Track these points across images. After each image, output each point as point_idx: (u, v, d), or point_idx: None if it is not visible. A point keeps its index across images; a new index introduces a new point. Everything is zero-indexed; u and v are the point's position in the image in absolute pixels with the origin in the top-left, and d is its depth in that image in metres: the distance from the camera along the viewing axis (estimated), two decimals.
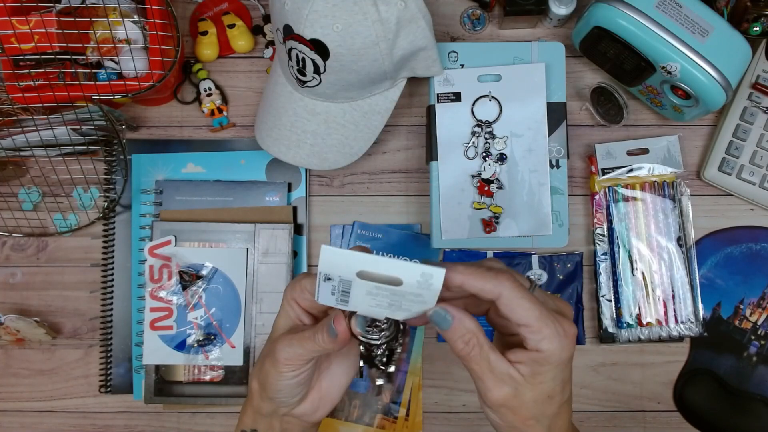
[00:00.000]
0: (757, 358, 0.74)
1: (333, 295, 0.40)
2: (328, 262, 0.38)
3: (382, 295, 0.39)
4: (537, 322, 0.39)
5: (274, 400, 0.47)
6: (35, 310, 0.77)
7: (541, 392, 0.41)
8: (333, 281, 0.39)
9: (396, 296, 0.39)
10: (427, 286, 0.38)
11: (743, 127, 0.73)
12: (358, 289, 0.39)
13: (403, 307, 0.40)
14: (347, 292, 0.40)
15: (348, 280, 0.39)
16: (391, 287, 0.38)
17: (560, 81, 0.73)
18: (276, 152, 0.69)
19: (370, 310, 0.41)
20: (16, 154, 0.73)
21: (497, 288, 0.39)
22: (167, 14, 0.70)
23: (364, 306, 0.41)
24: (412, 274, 0.37)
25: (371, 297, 0.40)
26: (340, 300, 0.41)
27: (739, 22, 0.68)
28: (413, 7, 0.62)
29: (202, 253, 0.74)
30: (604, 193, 0.75)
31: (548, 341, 0.39)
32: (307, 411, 0.48)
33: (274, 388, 0.46)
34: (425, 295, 0.39)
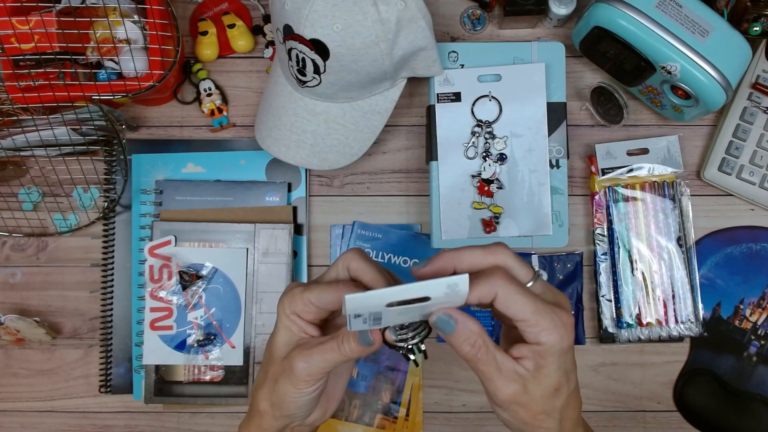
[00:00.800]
0: (757, 358, 0.74)
1: (365, 323, 0.40)
2: (354, 307, 0.38)
3: (412, 310, 0.40)
4: (533, 316, 0.39)
5: (291, 417, 0.46)
6: (35, 310, 0.77)
7: (548, 386, 0.41)
8: (363, 316, 0.39)
9: (426, 309, 0.40)
10: (455, 294, 0.38)
11: (743, 127, 0.73)
12: (389, 316, 0.40)
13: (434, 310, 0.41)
14: (379, 320, 0.40)
15: (378, 311, 0.39)
16: (421, 304, 0.39)
17: (560, 81, 0.73)
18: (276, 152, 0.69)
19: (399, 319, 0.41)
20: (16, 154, 0.73)
21: (492, 290, 0.40)
22: (167, 14, 0.70)
23: (395, 319, 0.41)
24: (439, 289, 0.38)
25: (402, 315, 0.40)
26: (372, 322, 0.41)
27: (739, 22, 0.68)
28: (413, 7, 0.62)
29: (202, 253, 0.74)
30: (604, 193, 0.75)
31: (546, 333, 0.40)
32: (318, 417, 0.48)
33: (294, 405, 0.44)
34: (454, 301, 0.39)
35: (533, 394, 0.41)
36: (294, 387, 0.43)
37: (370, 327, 0.41)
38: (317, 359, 0.43)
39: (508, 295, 0.39)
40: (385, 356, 0.75)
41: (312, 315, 0.45)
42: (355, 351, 0.42)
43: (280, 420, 0.46)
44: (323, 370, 0.43)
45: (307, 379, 0.43)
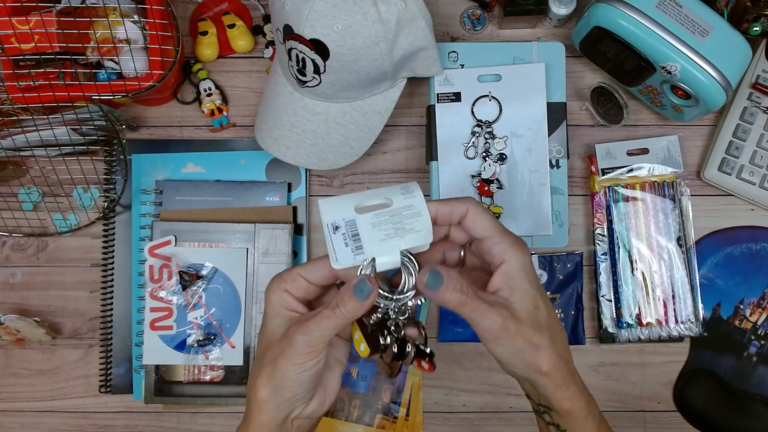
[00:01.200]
0: (757, 358, 0.74)
1: (347, 246, 0.43)
2: (329, 212, 0.44)
3: (384, 222, 0.44)
4: (497, 234, 0.44)
5: (292, 402, 0.45)
6: (35, 310, 0.77)
7: (528, 304, 0.44)
8: (341, 229, 0.43)
9: (394, 216, 0.44)
10: (411, 196, 0.45)
11: (743, 127, 0.73)
12: (364, 226, 0.43)
13: (407, 227, 0.44)
14: (357, 236, 0.43)
15: (351, 219, 0.44)
16: (387, 209, 0.44)
17: (560, 81, 0.73)
18: (276, 152, 0.69)
19: (383, 247, 0.44)
20: (16, 154, 0.73)
21: (464, 206, 0.45)
22: (167, 14, 0.70)
23: (376, 244, 0.43)
24: (395, 192, 0.45)
25: (378, 230, 0.44)
26: (354, 249, 0.43)
27: (739, 22, 0.68)
28: (413, 7, 0.62)
29: (202, 253, 0.74)
30: (604, 193, 0.75)
31: (510, 249, 0.44)
32: (316, 407, 0.47)
33: (296, 384, 0.44)
34: (414, 204, 0.44)
35: (519, 315, 0.44)
36: (294, 363, 0.43)
37: (355, 253, 0.43)
38: (315, 329, 0.43)
39: (477, 214, 0.45)
40: None
41: (302, 291, 0.45)
42: (351, 309, 0.43)
43: (281, 408, 0.46)
44: (323, 339, 0.43)
45: (308, 351, 0.43)
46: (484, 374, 0.76)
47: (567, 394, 0.46)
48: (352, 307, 0.43)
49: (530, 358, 0.44)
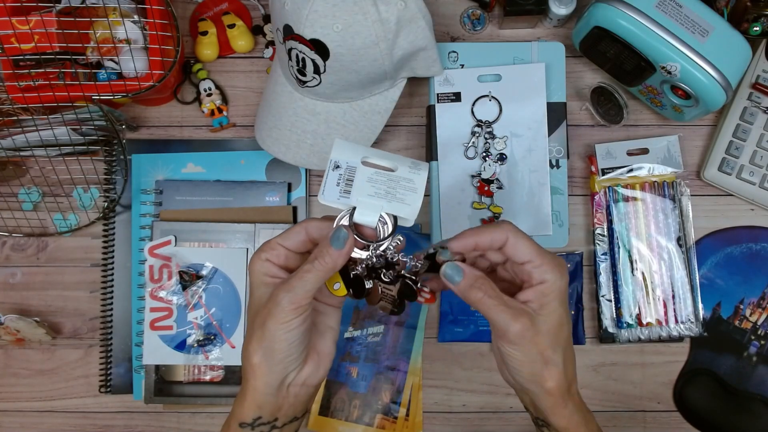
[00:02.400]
0: (757, 358, 0.74)
1: (338, 186, 0.45)
2: (339, 151, 0.46)
3: (380, 181, 0.45)
4: (537, 257, 0.46)
5: (284, 365, 0.46)
6: (35, 310, 0.77)
7: (553, 321, 0.45)
8: (340, 169, 0.45)
9: (392, 182, 0.45)
10: (417, 172, 0.46)
11: (743, 127, 0.73)
12: (361, 176, 0.45)
13: (398, 196, 0.45)
14: (351, 181, 0.45)
15: (353, 166, 0.46)
16: (388, 172, 0.46)
17: (560, 81, 0.73)
18: (276, 152, 0.69)
19: (367, 201, 0.45)
20: (16, 154, 0.73)
21: (504, 234, 0.46)
22: (167, 14, 0.70)
23: (363, 196, 0.45)
24: (405, 163, 0.46)
25: (371, 184, 0.45)
26: (343, 191, 0.45)
27: (739, 22, 0.68)
28: (413, 7, 0.62)
29: (202, 253, 0.74)
30: (604, 193, 0.75)
31: (550, 271, 0.45)
32: (311, 372, 0.48)
33: (286, 344, 0.45)
34: (415, 180, 0.46)
35: (540, 328, 0.45)
36: (282, 321, 0.44)
37: (341, 195, 0.45)
38: (298, 284, 0.44)
39: (517, 239, 0.46)
40: (385, 356, 0.75)
41: (282, 258, 0.47)
42: (330, 259, 0.44)
43: (274, 372, 0.46)
44: (307, 294, 0.44)
45: (292, 308, 0.44)
46: (484, 374, 0.76)
47: (565, 411, 0.47)
48: (330, 258, 0.44)
49: (538, 370, 0.46)
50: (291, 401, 0.48)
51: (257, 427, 0.47)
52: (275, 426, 0.48)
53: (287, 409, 0.48)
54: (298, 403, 0.48)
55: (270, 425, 0.48)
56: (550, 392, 0.46)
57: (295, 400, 0.48)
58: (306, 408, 0.50)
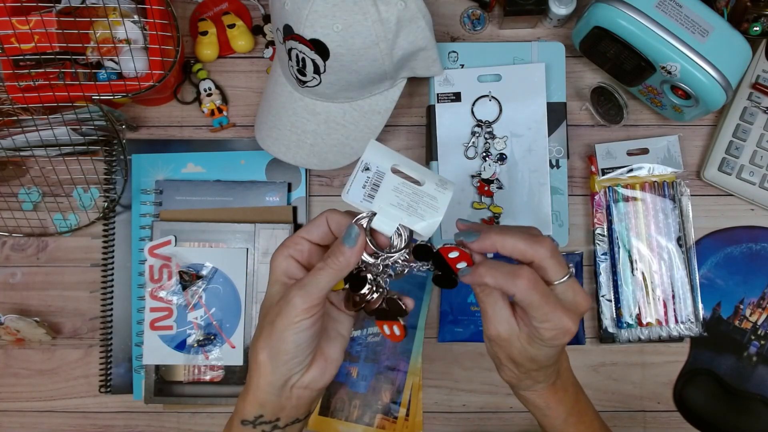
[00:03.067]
0: (757, 358, 0.74)
1: (364, 188, 0.46)
2: (372, 153, 0.47)
3: (405, 192, 0.46)
4: (542, 315, 0.44)
5: (289, 366, 0.46)
6: (35, 310, 0.77)
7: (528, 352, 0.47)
8: (369, 172, 0.46)
9: (416, 195, 0.46)
10: (442, 191, 0.46)
11: (743, 127, 0.73)
12: (387, 184, 0.46)
13: (419, 211, 0.46)
14: (377, 186, 0.46)
15: (383, 172, 0.46)
16: (415, 186, 0.46)
17: (560, 81, 0.73)
18: (276, 152, 0.69)
19: (389, 211, 0.45)
20: (16, 154, 0.73)
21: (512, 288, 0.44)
22: (167, 14, 0.70)
23: (385, 204, 0.46)
24: (432, 179, 0.47)
25: (396, 194, 0.46)
26: (367, 195, 0.46)
27: (739, 22, 0.68)
28: (413, 7, 0.62)
29: (202, 253, 0.74)
30: (604, 193, 0.75)
31: (547, 331, 0.45)
32: (316, 376, 0.47)
33: (293, 344, 0.45)
34: (439, 198, 0.46)
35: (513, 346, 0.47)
36: (292, 321, 0.44)
37: (364, 199, 0.46)
38: (310, 283, 0.44)
39: (526, 296, 0.43)
40: (385, 356, 0.75)
41: (305, 254, 0.47)
42: (343, 258, 0.44)
43: (279, 372, 0.46)
44: (320, 293, 0.44)
45: (304, 308, 0.44)
46: (484, 374, 0.76)
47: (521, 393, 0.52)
48: (343, 257, 0.44)
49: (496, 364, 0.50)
50: (293, 402, 0.47)
51: (259, 425, 0.47)
52: (277, 426, 0.48)
53: (289, 410, 0.48)
54: (301, 405, 0.48)
55: (272, 425, 0.48)
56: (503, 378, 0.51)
57: (297, 402, 0.48)
58: (309, 410, 0.50)
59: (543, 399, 0.52)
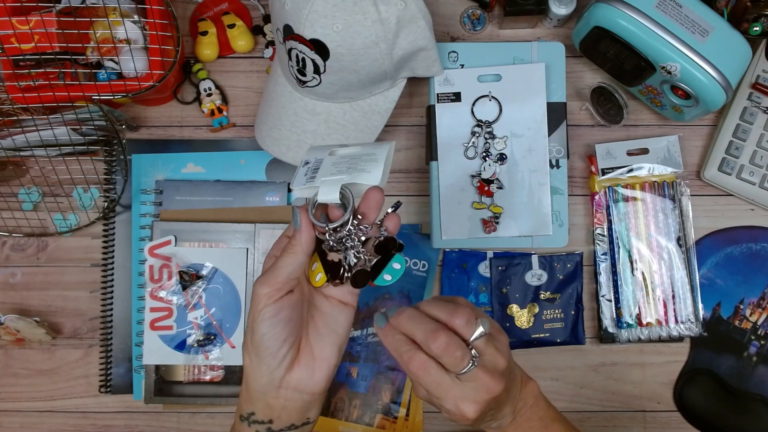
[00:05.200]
0: (757, 358, 0.74)
1: (305, 176, 0.46)
2: (310, 152, 0.48)
3: (343, 162, 0.46)
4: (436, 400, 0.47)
5: (265, 360, 0.45)
6: (35, 310, 0.77)
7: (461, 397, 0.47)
8: (310, 164, 0.47)
9: (354, 159, 0.46)
10: (379, 147, 0.47)
11: (743, 127, 0.73)
12: (326, 164, 0.46)
13: (358, 168, 0.45)
14: (317, 170, 0.46)
15: (320, 158, 0.47)
16: (353, 154, 0.47)
17: (560, 81, 0.73)
18: (276, 152, 0.69)
19: (329, 179, 0.45)
20: (16, 154, 0.73)
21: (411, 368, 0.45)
22: (167, 14, 0.70)
23: (326, 176, 0.45)
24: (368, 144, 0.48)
25: (334, 167, 0.46)
26: (309, 178, 0.46)
27: (739, 22, 0.68)
28: (413, 7, 0.62)
29: (202, 253, 0.74)
30: (604, 193, 0.75)
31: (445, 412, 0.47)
32: (304, 376, 0.46)
33: (260, 334, 0.44)
34: (377, 153, 0.46)
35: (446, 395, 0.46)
36: (257, 310, 0.44)
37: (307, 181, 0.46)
38: (269, 270, 0.44)
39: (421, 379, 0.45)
40: (384, 356, 0.75)
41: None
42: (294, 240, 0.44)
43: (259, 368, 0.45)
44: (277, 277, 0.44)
45: (264, 293, 0.44)
46: None
47: None
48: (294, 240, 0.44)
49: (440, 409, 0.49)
50: (282, 403, 0.46)
51: (253, 423, 0.47)
52: (271, 429, 0.47)
53: (280, 411, 0.47)
54: (291, 408, 0.47)
55: (265, 426, 0.47)
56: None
57: (286, 404, 0.46)
58: (305, 417, 0.48)
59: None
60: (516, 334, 0.74)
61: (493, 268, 0.75)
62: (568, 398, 0.76)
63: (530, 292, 0.75)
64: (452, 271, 0.75)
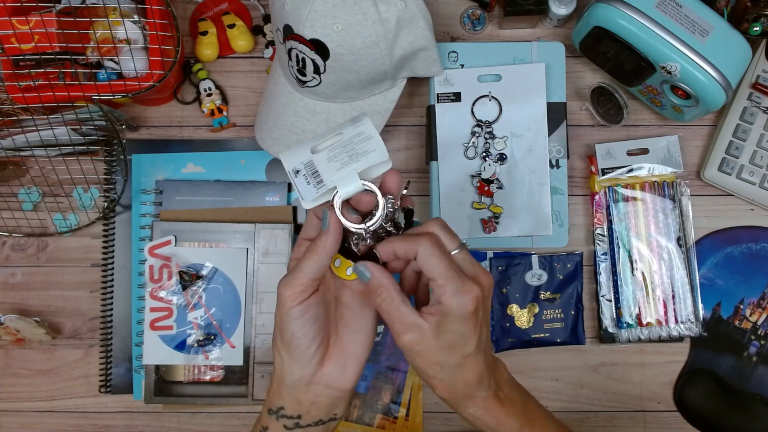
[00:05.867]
0: (757, 358, 0.74)
1: (309, 184, 0.46)
2: (288, 160, 0.46)
3: (338, 153, 0.46)
4: (441, 278, 0.44)
5: (295, 357, 0.46)
6: (35, 310, 0.77)
7: (443, 341, 0.45)
8: (301, 171, 0.46)
9: (347, 146, 0.46)
10: (361, 124, 0.46)
11: (743, 127, 0.73)
12: (321, 162, 0.46)
13: (360, 151, 0.45)
14: (316, 173, 0.45)
15: (309, 160, 0.46)
16: (337, 140, 0.46)
17: (560, 81, 0.73)
18: (276, 152, 0.69)
19: (341, 175, 0.45)
20: (16, 154, 0.73)
21: (415, 247, 0.44)
22: (167, 14, 0.70)
23: (334, 174, 0.45)
24: (346, 126, 0.47)
25: (333, 162, 0.45)
26: (316, 184, 0.45)
27: (739, 22, 0.68)
28: (413, 7, 0.62)
29: (202, 253, 0.74)
30: (604, 193, 0.75)
31: (448, 296, 0.44)
32: (335, 372, 0.47)
33: (289, 333, 0.45)
34: (365, 130, 0.46)
35: (428, 345, 0.45)
36: (284, 311, 0.45)
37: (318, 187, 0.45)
38: (293, 272, 0.45)
39: (427, 255, 0.44)
40: (384, 356, 0.75)
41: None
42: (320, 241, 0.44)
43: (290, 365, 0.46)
44: (301, 278, 0.45)
45: (289, 294, 0.45)
46: None
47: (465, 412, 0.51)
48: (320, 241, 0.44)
49: (426, 379, 0.48)
50: (312, 399, 0.47)
51: (281, 417, 0.48)
52: (299, 424, 0.48)
53: (309, 407, 0.47)
54: (321, 404, 0.48)
55: (293, 420, 0.48)
56: (441, 397, 0.49)
57: (316, 399, 0.47)
58: (332, 413, 0.49)
59: (491, 415, 0.50)
60: (516, 334, 0.74)
61: (493, 268, 0.75)
62: (568, 398, 0.76)
63: (530, 292, 0.75)
64: None
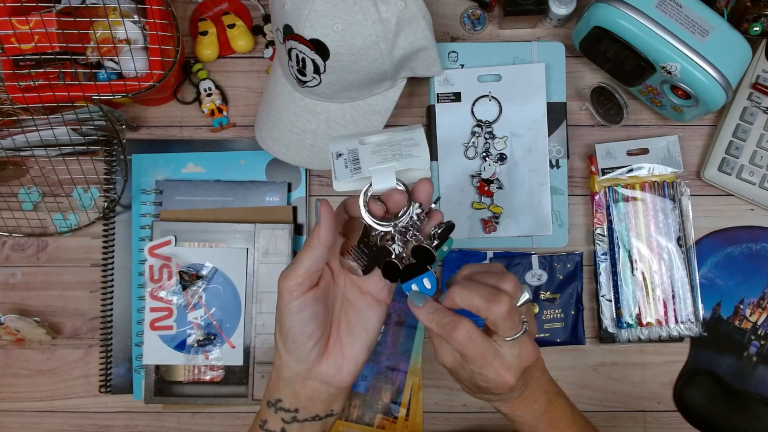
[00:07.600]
0: (757, 358, 0.74)
1: (347, 168, 0.46)
2: (335, 143, 0.47)
3: (383, 150, 0.46)
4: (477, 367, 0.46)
5: (292, 351, 0.46)
6: (35, 310, 0.77)
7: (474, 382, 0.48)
8: (343, 155, 0.46)
9: (394, 145, 0.46)
10: (413, 130, 0.47)
11: (743, 127, 0.73)
12: (364, 153, 0.46)
13: (404, 153, 0.46)
14: (357, 160, 0.46)
15: (354, 148, 0.46)
16: (387, 138, 0.47)
17: (560, 81, 0.73)
18: (276, 152, 0.69)
19: (379, 168, 0.45)
20: (16, 154, 0.73)
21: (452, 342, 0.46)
22: (167, 14, 0.70)
23: (373, 165, 0.45)
24: (398, 129, 0.47)
25: (376, 155, 0.46)
26: (353, 169, 0.45)
27: (739, 22, 0.68)
28: (413, 7, 0.62)
29: (202, 253, 0.74)
30: (604, 193, 0.75)
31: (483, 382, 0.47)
32: (331, 370, 0.48)
33: (287, 327, 0.45)
34: (414, 136, 0.46)
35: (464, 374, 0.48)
36: (284, 305, 0.45)
37: (353, 173, 0.45)
38: (291, 265, 0.45)
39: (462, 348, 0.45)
40: (385, 356, 0.75)
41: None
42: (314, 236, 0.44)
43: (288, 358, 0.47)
44: (298, 271, 0.45)
45: (291, 289, 0.45)
46: None
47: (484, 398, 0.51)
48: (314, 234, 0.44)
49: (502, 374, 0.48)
50: (308, 393, 0.48)
51: (279, 410, 0.48)
52: (296, 419, 0.48)
53: (306, 401, 0.48)
54: (317, 399, 0.48)
55: (290, 414, 0.48)
56: None
57: (313, 394, 0.48)
58: (329, 409, 0.49)
59: (508, 408, 0.51)
60: None
61: None
62: None
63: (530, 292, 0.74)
64: (452, 271, 0.75)
